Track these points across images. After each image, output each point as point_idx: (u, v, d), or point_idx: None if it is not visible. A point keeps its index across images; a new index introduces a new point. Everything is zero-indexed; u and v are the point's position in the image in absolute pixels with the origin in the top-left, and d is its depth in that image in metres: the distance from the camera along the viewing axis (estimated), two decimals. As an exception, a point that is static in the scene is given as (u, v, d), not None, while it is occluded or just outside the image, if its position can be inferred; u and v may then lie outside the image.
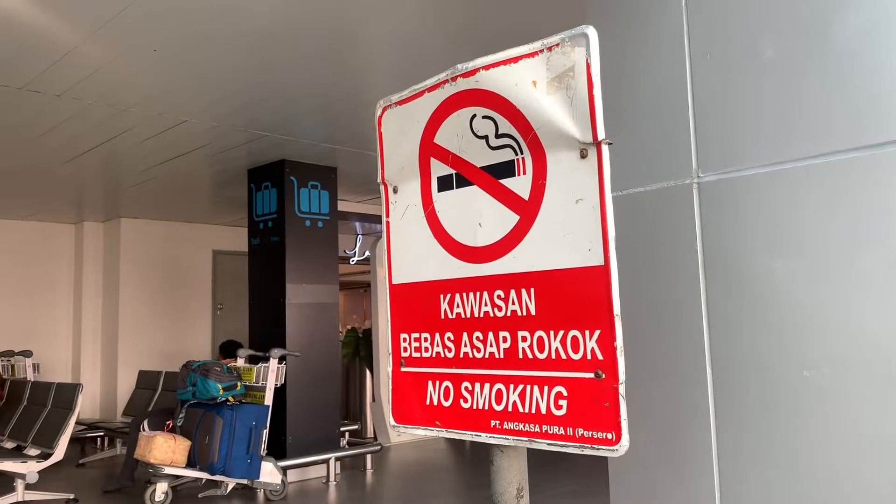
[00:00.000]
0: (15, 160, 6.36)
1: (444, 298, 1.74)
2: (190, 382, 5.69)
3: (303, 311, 6.59)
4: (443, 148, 1.74)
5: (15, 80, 4.53)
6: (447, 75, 1.71)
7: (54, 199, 8.15)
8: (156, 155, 6.36)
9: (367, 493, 6.36)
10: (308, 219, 6.77)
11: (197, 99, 5.04)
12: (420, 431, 1.81)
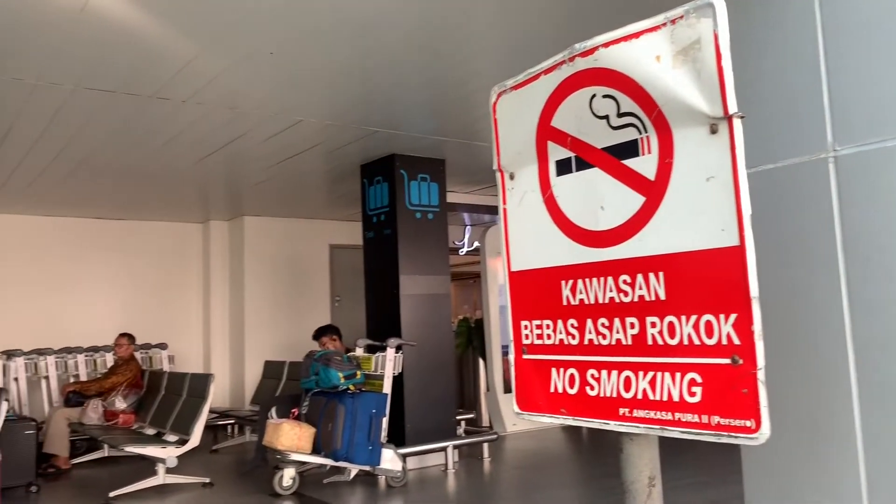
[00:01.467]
0: (148, 165, 6.78)
1: (566, 285, 1.71)
2: (313, 371, 5.90)
3: (416, 302, 6.70)
4: (561, 131, 1.71)
5: (145, 89, 4.82)
6: (564, 56, 1.67)
7: (183, 200, 8.64)
8: (274, 155, 6.62)
9: (485, 481, 6.39)
10: (418, 211, 6.86)
11: (311, 98, 5.20)
12: (545, 419, 1.79)
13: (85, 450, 7.33)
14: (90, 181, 7.35)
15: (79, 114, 5.22)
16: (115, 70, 4.47)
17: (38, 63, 4.28)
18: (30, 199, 8.01)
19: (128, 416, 6.85)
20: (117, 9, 3.65)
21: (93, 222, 9.26)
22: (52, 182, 7.29)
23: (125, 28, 3.87)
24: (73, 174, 7.01)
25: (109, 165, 6.75)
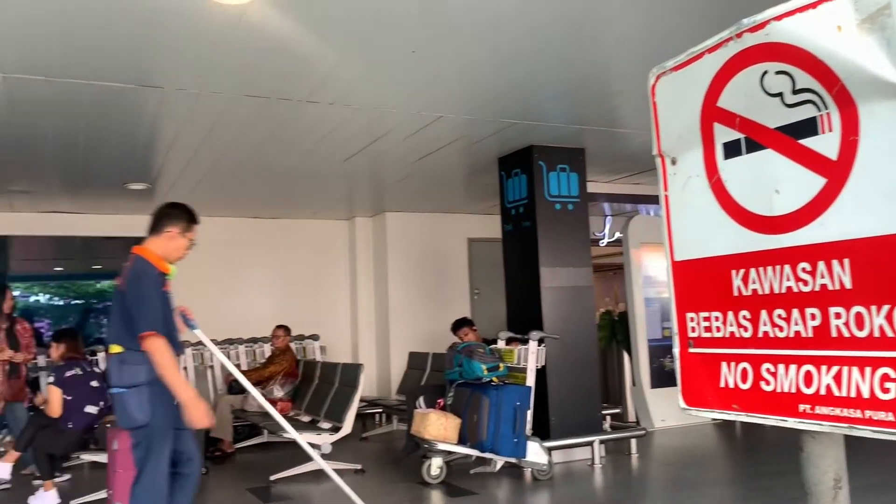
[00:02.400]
0: (298, 167, 7.12)
1: (737, 274, 1.62)
2: (456, 363, 5.99)
3: (558, 295, 6.63)
4: (728, 111, 1.62)
5: (296, 94, 5.05)
6: (731, 32, 1.58)
7: (330, 199, 9.03)
8: (414, 152, 6.76)
9: (633, 476, 6.24)
10: (558, 202, 6.78)
11: (451, 94, 5.26)
12: (715, 415, 1.71)
13: (246, 435, 7.85)
14: (246, 184, 7.82)
15: (237, 120, 5.56)
16: (269, 77, 4.72)
17: (201, 74, 4.59)
18: (193, 201, 8.58)
19: (285, 404, 7.24)
20: (269, 21, 3.84)
21: (250, 221, 9.88)
22: (212, 185, 7.82)
23: (277, 38, 4.07)
24: (231, 178, 7.49)
25: (264, 169, 7.16)
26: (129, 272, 3.53)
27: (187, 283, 9.30)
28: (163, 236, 3.67)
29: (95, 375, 5.81)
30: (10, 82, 4.53)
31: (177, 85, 4.77)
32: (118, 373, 3.46)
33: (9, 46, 4.01)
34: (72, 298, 16.86)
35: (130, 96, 4.91)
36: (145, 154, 6.45)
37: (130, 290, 3.46)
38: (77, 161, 6.54)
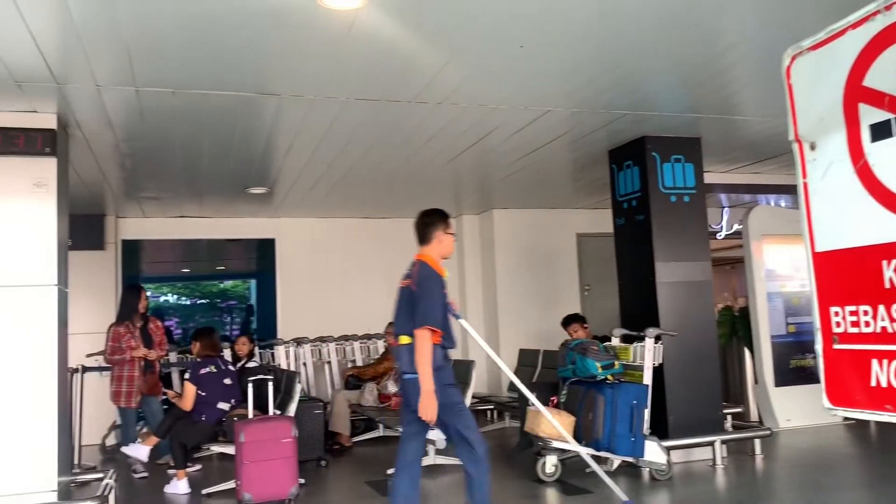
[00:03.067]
0: (407, 166, 7.23)
1: (889, 265, 1.51)
2: (569, 360, 5.91)
3: (674, 290, 6.42)
4: (876, 90, 1.50)
5: (405, 95, 5.13)
6: (878, 5, 1.47)
7: (437, 197, 9.09)
8: (521, 148, 6.72)
9: (757, 478, 5.97)
10: (673, 194, 6.56)
11: (559, 88, 5.19)
12: (864, 416, 1.60)
13: (363, 429, 8.05)
14: (357, 185, 8.02)
15: (349, 123, 5.70)
16: (379, 80, 4.81)
17: (316, 80, 4.74)
18: (309, 204, 8.95)
19: (399, 399, 7.36)
20: (379, 25, 3.91)
21: (361, 221, 10.13)
22: (325, 188, 8.07)
23: (387, 41, 4.14)
24: (343, 180, 7.70)
25: (373, 170, 7.31)
26: (418, 275, 4.07)
27: (303, 282, 9.70)
28: (433, 242, 4.25)
29: (229, 373, 6.11)
30: (141, 95, 4.83)
31: (293, 91, 4.94)
32: (409, 361, 3.94)
33: (140, 62, 4.27)
34: (197, 298, 17.78)
35: (250, 104, 5.13)
36: (264, 159, 6.73)
37: (420, 289, 3.98)
38: (202, 168, 6.90)
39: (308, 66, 4.48)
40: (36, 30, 3.77)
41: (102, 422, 8.17)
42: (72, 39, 3.91)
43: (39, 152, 4.98)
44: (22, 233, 4.93)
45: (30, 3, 3.48)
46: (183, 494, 5.72)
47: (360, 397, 7.55)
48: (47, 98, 4.81)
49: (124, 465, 6.44)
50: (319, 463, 6.66)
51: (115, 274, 9.14)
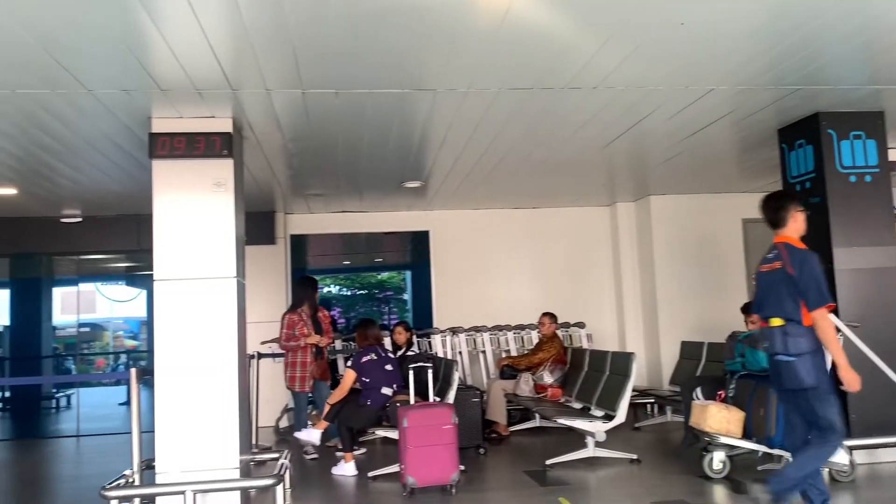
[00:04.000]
0: (558, 154, 7.14)
1: None
2: (738, 353, 5.61)
3: (856, 278, 5.91)
4: None
5: (558, 82, 5.05)
6: None
7: (590, 185, 8.95)
8: (680, 130, 6.44)
9: (959, 486, 5.38)
10: (853, 174, 6.04)
11: (722, 65, 4.90)
12: None
13: (519, 419, 8.08)
14: (508, 176, 8.03)
15: (501, 114, 5.71)
16: (532, 68, 4.78)
17: (469, 73, 4.78)
18: (461, 196, 9.09)
19: (555, 390, 7.33)
20: (533, 13, 3.88)
21: (512, 212, 10.15)
22: (477, 180, 8.15)
23: (540, 29, 4.10)
24: (495, 171, 7.73)
25: (525, 159, 7.29)
26: (791, 257, 4.12)
27: (459, 273, 9.87)
28: (789, 223, 4.29)
29: (389, 360, 6.36)
30: (307, 97, 5.10)
31: (447, 86, 5.02)
32: (782, 343, 4.05)
33: (306, 65, 4.50)
34: (357, 289, 18.56)
35: (407, 101, 5.27)
36: (419, 154, 6.90)
37: (803, 271, 4.03)
38: (361, 164, 7.19)
39: (462, 59, 4.53)
40: (214, 40, 4.08)
41: (275, 405, 8.77)
42: (244, 47, 4.19)
43: (218, 154, 5.38)
44: (206, 229, 5.36)
45: (208, 15, 3.76)
46: (350, 476, 6.01)
47: (515, 387, 7.58)
48: (223, 104, 5.19)
49: (296, 447, 6.86)
50: (478, 451, 6.77)
51: (285, 267, 9.74)
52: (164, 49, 4.15)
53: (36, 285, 11.11)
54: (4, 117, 5.19)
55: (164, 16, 3.74)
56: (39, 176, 7.05)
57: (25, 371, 10.53)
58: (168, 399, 5.17)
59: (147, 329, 14.72)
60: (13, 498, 6.16)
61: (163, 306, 5.27)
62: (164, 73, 4.53)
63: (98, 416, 10.82)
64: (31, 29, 3.79)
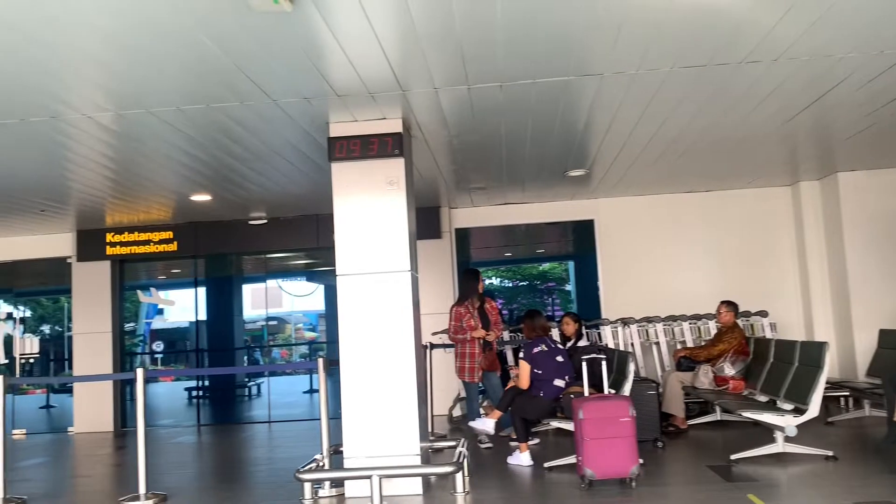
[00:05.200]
0: (734, 133, 6.75)
1: None
2: (952, 342, 5.04)
3: None
4: None
5: (734, 56, 4.77)
6: None
7: (769, 163, 8.38)
8: (873, 100, 5.88)
9: None
10: None
11: (927, 21, 4.42)
12: None
13: (698, 412, 7.75)
14: (678, 158, 7.71)
15: (671, 94, 5.49)
16: (705, 45, 4.54)
17: (638, 53, 4.63)
18: (627, 182, 8.85)
19: (737, 383, 6.96)
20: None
21: (682, 196, 9.74)
22: (645, 164, 7.90)
23: (712, 4, 3.89)
24: (664, 154, 7.45)
25: (697, 140, 6.96)
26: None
27: (628, 262, 9.63)
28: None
29: (559, 351, 6.32)
30: (472, 92, 5.17)
31: (614, 69, 4.90)
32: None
33: (472, 61, 4.57)
34: (518, 281, 18.63)
35: (572, 88, 5.20)
36: (583, 141, 6.79)
37: None
38: (524, 155, 7.19)
39: (630, 40, 4.40)
40: (386, 45, 4.23)
41: (446, 394, 9.00)
42: (414, 48, 4.32)
43: (390, 154, 5.60)
44: (381, 226, 5.60)
45: (381, 21, 3.92)
46: (526, 466, 6.04)
47: (693, 379, 7.28)
48: (394, 105, 5.38)
49: (470, 435, 6.99)
50: (655, 444, 6.57)
51: (451, 260, 9.96)
52: (341, 57, 4.37)
53: (228, 283, 12.13)
54: (200, 130, 5.69)
55: (341, 25, 3.94)
56: (230, 182, 7.66)
57: (220, 362, 11.53)
58: (353, 388, 5.46)
59: (325, 321, 15.65)
60: (218, 477, 6.76)
61: (345, 300, 5.57)
62: (341, 79, 4.77)
63: (285, 403, 11.62)
64: (225, 47, 4.12)
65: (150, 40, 3.97)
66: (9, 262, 10.66)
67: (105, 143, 5.87)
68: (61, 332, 14.92)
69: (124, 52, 4.11)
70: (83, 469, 7.66)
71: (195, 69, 4.43)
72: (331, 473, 5.44)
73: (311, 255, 11.68)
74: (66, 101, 4.87)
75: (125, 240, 10.13)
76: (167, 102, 5.02)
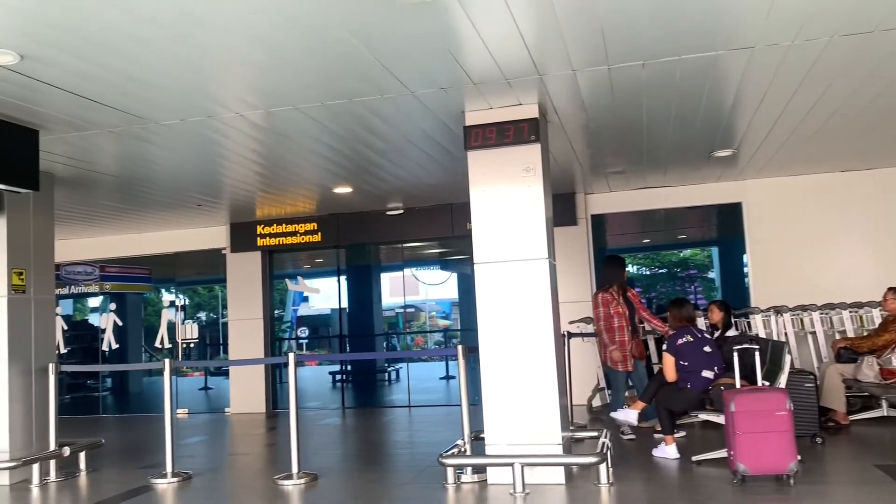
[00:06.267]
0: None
1: None
2: None
3: None
4: None
5: None
6: None
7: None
8: None
9: None
10: None
11: None
12: None
13: (860, 407, 7.19)
14: (837, 135, 7.15)
15: (832, 65, 5.07)
16: (871, 10, 4.16)
17: (794, 23, 4.30)
18: (779, 161, 8.31)
19: (907, 375, 6.39)
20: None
21: (839, 176, 9.03)
22: (797, 143, 7.38)
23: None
24: (820, 130, 6.93)
25: (859, 115, 6.42)
26: None
27: (779, 247, 9.06)
28: None
29: (707, 341, 6.03)
30: (612, 73, 5.01)
31: (767, 41, 4.58)
32: None
33: (613, 39, 4.41)
34: (657, 268, 18.07)
35: (720, 63, 4.93)
36: (731, 119, 6.43)
37: None
38: (666, 136, 6.91)
39: (785, 8, 4.09)
40: (524, 28, 4.17)
41: (585, 384, 8.85)
42: (552, 30, 4.23)
43: (526, 140, 5.54)
44: (518, 213, 5.55)
45: (520, 4, 3.86)
46: (672, 459, 5.83)
47: (856, 372, 6.74)
48: (530, 90, 5.31)
49: (611, 426, 6.83)
50: (814, 440, 6.15)
51: (587, 247, 9.77)
52: (478, 44, 4.35)
53: (367, 272, 12.53)
54: (342, 124, 5.87)
55: (479, 11, 3.91)
56: (369, 174, 7.88)
57: (360, 347, 11.95)
58: (493, 375, 5.46)
59: (458, 310, 15.85)
60: (363, 459, 7.00)
61: (483, 288, 5.58)
62: (477, 66, 4.76)
63: (423, 388, 11.87)
64: (367, 41, 4.21)
65: (297, 38, 4.12)
66: (171, 253, 11.52)
67: (255, 139, 6.18)
68: (216, 319, 16.00)
69: (273, 51, 4.30)
70: (240, 447, 8.16)
71: (338, 64, 4.56)
72: (473, 459, 5.48)
73: (445, 244, 11.84)
74: (220, 101, 5.17)
75: (273, 231, 10.69)
76: (312, 98, 5.21)
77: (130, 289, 12.52)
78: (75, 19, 3.71)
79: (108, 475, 6.50)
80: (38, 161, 5.63)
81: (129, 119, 5.42)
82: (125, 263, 11.96)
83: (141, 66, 4.42)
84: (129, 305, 12.67)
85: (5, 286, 6.24)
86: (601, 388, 8.77)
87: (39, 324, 6.56)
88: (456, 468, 5.40)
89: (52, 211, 6.92)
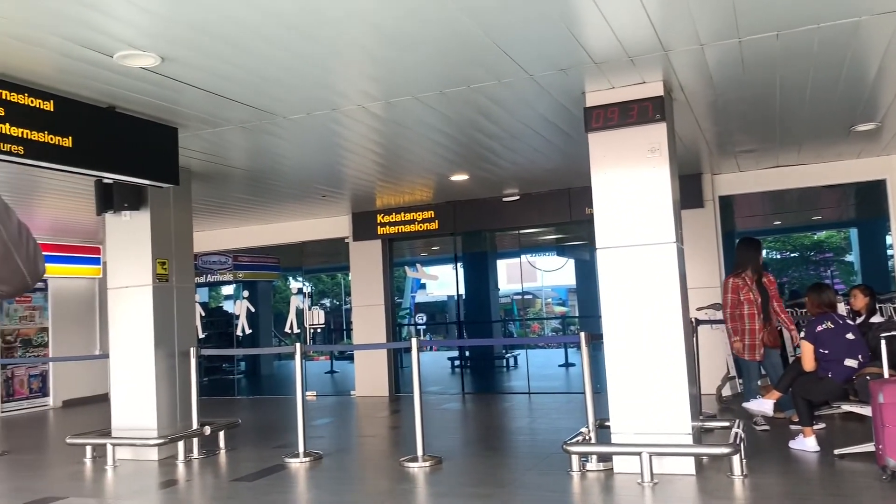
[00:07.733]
0: None
1: None
2: None
3: None
4: None
5: None
6: None
7: None
8: None
9: None
10: None
11: None
12: None
13: None
14: None
15: None
16: None
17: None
18: (929, 133, 7.64)
19: None
20: None
21: None
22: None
23: None
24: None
25: None
26: None
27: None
28: None
29: (849, 328, 5.65)
30: (743, 45, 4.75)
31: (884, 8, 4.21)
32: None
33: (744, 9, 4.17)
34: (788, 252, 17.15)
35: (862, 30, 4.56)
36: (875, 91, 5.97)
37: None
38: (801, 111, 6.49)
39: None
40: (648, 2, 4.01)
41: (713, 372, 8.51)
42: (679, 3, 4.05)
43: (650, 119, 5.35)
44: (642, 196, 5.38)
45: (645, -22, 3.72)
46: (811, 452, 5.51)
47: None
48: (654, 67, 5.12)
49: (743, 416, 6.54)
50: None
51: (715, 230, 9.36)
52: (600, 21, 4.23)
53: (483, 258, 12.58)
54: (459, 112, 5.89)
55: (602, -13, 3.80)
56: (485, 161, 7.87)
57: (478, 333, 12.01)
58: (619, 363, 5.34)
59: (575, 296, 15.63)
60: (485, 444, 7.04)
61: (606, 273, 5.45)
62: (599, 45, 4.63)
63: (542, 375, 11.81)
64: (485, 25, 4.19)
65: (414, 27, 4.16)
66: (298, 243, 11.99)
67: (375, 129, 6.31)
68: (339, 305, 16.56)
69: (391, 42, 4.35)
70: (366, 430, 8.42)
71: (456, 51, 4.57)
72: (599, 448, 5.40)
73: (562, 229, 11.68)
74: (343, 94, 5.30)
75: (393, 220, 10.91)
76: (430, 87, 5.25)
77: (261, 277, 13.17)
78: (212, 21, 3.90)
79: (245, 453, 6.87)
80: (177, 157, 5.98)
81: (260, 115, 5.67)
82: (255, 253, 12.57)
83: (272, 64, 4.60)
84: (260, 293, 13.33)
85: (151, 275, 6.70)
86: (731, 377, 8.41)
87: (181, 310, 7.00)
88: (581, 456, 5.33)
89: (191, 204, 7.36)
